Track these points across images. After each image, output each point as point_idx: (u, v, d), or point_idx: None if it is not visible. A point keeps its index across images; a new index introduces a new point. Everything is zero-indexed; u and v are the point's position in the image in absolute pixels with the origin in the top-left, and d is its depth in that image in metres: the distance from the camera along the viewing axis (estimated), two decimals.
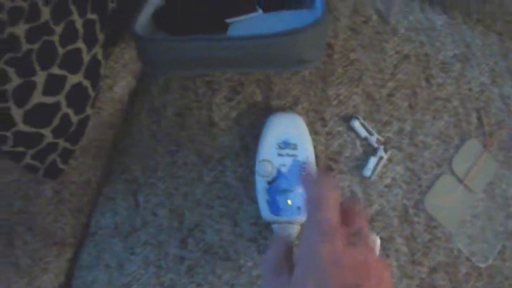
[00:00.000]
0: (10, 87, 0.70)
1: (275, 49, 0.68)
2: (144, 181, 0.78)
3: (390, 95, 0.78)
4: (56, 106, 0.74)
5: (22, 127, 0.73)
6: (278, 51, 0.68)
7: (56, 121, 0.74)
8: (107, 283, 0.76)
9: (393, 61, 0.78)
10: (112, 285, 0.76)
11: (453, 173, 0.77)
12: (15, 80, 0.70)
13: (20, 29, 0.68)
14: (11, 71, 0.69)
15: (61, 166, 0.79)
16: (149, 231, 0.76)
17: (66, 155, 0.78)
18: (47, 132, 0.74)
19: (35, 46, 0.70)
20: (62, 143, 0.77)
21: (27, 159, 0.76)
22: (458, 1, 0.81)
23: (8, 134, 0.73)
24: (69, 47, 0.72)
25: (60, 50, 0.72)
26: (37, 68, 0.71)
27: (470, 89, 0.79)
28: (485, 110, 0.78)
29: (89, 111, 0.78)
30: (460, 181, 0.77)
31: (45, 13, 0.70)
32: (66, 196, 0.79)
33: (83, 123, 0.78)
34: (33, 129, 0.74)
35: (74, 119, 0.76)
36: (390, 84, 0.78)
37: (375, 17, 0.80)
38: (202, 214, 0.75)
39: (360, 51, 0.78)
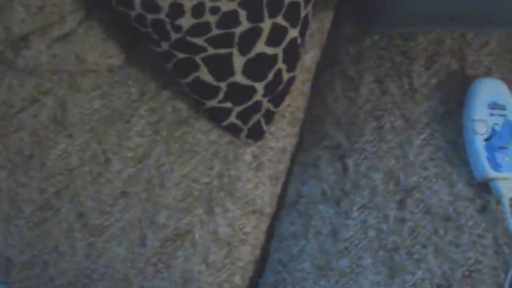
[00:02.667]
0: (238, 30, 0.68)
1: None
2: (350, 147, 0.76)
3: None
4: (274, 59, 0.72)
5: (239, 78, 0.71)
6: None
7: (270, 76, 0.72)
8: (318, 251, 0.71)
9: None
10: (325, 253, 0.71)
11: None
12: (244, 24, 0.68)
13: None
14: (242, 13, 0.68)
15: (264, 127, 0.75)
16: (363, 195, 0.73)
17: (269, 116, 0.75)
18: (260, 86, 0.72)
19: None
20: (266, 104, 0.74)
21: (232, 118, 0.73)
22: None
23: (222, 85, 0.70)
24: None
25: (286, 0, 0.71)
26: (266, 14, 0.69)
27: None
28: None
29: (296, 70, 0.76)
30: None
31: None
32: (265, 162, 0.75)
33: (290, 83, 0.76)
34: (248, 82, 0.71)
35: (285, 76, 0.74)
36: None
37: None
38: (417, 176, 0.74)
39: None
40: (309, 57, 0.82)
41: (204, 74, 0.70)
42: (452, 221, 0.72)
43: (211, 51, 0.68)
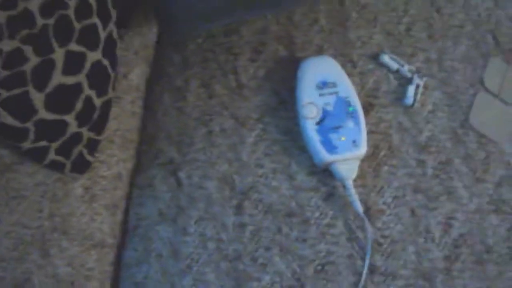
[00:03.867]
0: (28, 67, 0.65)
1: None
2: (182, 159, 0.72)
3: (408, 29, 0.79)
4: (78, 88, 0.69)
5: (44, 114, 0.67)
6: None
7: (79, 105, 0.69)
8: (161, 275, 0.68)
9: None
10: (168, 275, 0.68)
11: (487, 90, 0.77)
12: (33, 60, 0.65)
13: (34, 4, 0.64)
14: (28, 49, 0.64)
15: (88, 158, 0.72)
16: (199, 207, 0.70)
17: (92, 145, 0.72)
18: (70, 118, 0.69)
19: (51, 21, 0.66)
20: (86, 133, 0.71)
21: (51, 155, 0.70)
22: None
23: (29, 125, 0.67)
24: (85, 22, 0.69)
25: (76, 25, 0.68)
26: (55, 44, 0.66)
27: (479, 15, 0.82)
28: (498, 30, 0.81)
29: (111, 93, 0.73)
30: (495, 95, 0.77)
31: None
32: (99, 192, 0.72)
33: (106, 107, 0.73)
34: (55, 116, 0.68)
35: (97, 102, 0.71)
36: (405, 20, 0.79)
37: None
38: (253, 175, 0.70)
39: None
40: (135, 75, 0.78)
41: (6, 118, 0.67)
42: (297, 216, 0.69)
43: (4, 94, 0.66)
